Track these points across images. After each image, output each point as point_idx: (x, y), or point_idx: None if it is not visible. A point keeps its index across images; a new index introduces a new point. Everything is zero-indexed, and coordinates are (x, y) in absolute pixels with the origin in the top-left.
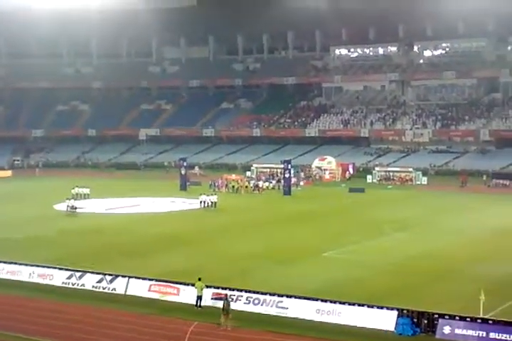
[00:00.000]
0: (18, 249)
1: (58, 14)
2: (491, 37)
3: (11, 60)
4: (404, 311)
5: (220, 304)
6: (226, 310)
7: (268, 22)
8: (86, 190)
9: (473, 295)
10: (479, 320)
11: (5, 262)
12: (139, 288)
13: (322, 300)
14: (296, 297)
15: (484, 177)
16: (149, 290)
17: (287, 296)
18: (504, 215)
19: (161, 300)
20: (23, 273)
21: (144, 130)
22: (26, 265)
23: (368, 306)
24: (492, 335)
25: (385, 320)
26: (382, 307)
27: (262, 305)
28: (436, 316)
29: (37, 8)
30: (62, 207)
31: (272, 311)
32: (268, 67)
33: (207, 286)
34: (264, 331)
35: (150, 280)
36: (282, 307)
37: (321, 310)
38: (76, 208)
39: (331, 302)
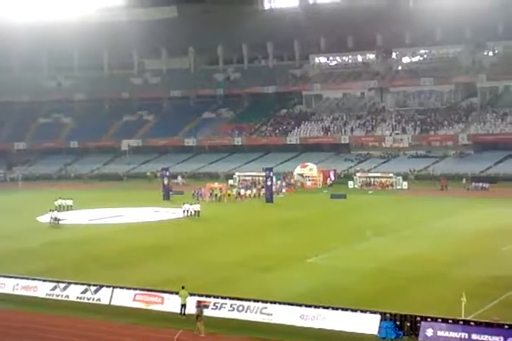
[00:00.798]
0: (2, 262)
1: (38, 28)
2: (468, 43)
3: None
4: (387, 315)
5: (205, 312)
6: (200, 316)
7: (247, 32)
8: (69, 202)
9: (455, 297)
10: (461, 322)
11: None
12: (124, 298)
13: (306, 306)
14: (280, 303)
15: (464, 181)
16: (134, 300)
17: (271, 302)
18: (484, 218)
19: (146, 310)
20: (7, 286)
21: (126, 141)
22: (10, 277)
23: (352, 310)
24: (474, 337)
25: (369, 324)
26: (365, 311)
27: (246, 311)
28: (419, 319)
29: (17, 22)
30: (45, 218)
31: (257, 317)
32: (248, 76)
33: (191, 294)
34: (250, 338)
35: (134, 289)
36: (267, 314)
37: (305, 315)
38: (59, 220)
39: (315, 307)
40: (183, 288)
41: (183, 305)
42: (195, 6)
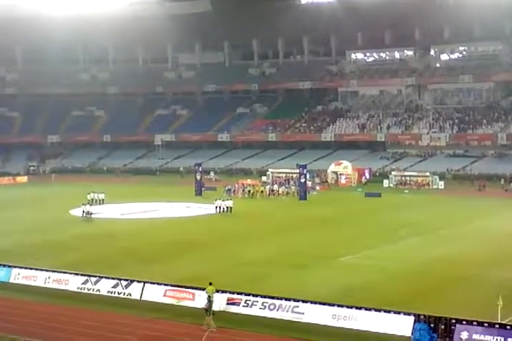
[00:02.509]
0: (35, 254)
1: (74, 20)
2: (508, 40)
3: (27, 66)
4: (421, 316)
5: (234, 309)
6: (208, 310)
7: (283, 27)
8: (101, 196)
9: (491, 300)
10: (497, 326)
11: (21, 267)
12: (155, 294)
13: (338, 306)
14: (312, 302)
15: (502, 182)
16: (164, 296)
17: (303, 301)
18: None
19: (177, 306)
20: (39, 279)
21: (159, 135)
22: (42, 270)
23: (385, 311)
24: (510, 340)
25: (402, 326)
26: (399, 313)
27: (277, 310)
28: (454, 321)
29: (53, 15)
30: (78, 212)
31: (288, 316)
32: (283, 71)
33: (222, 291)
34: (280, 336)
35: (165, 285)
36: (298, 313)
37: (337, 315)
38: (92, 213)
39: (347, 307)
40: (210, 284)
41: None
42: (230, 0)
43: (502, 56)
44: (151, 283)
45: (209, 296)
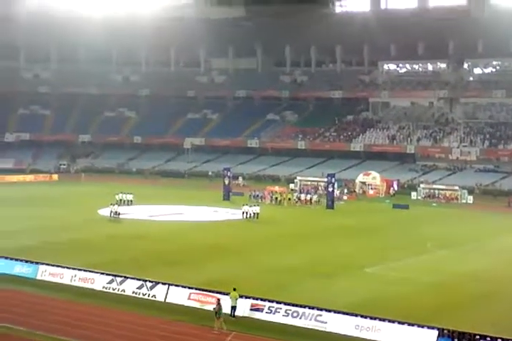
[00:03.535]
0: (62, 252)
1: (109, 21)
2: None
3: (61, 65)
4: (445, 331)
5: (257, 315)
6: (218, 313)
7: (316, 35)
8: (130, 196)
9: None
10: None
11: (48, 264)
12: (179, 296)
13: (362, 316)
14: (335, 311)
15: None
16: (189, 299)
17: (326, 310)
18: None
19: (200, 309)
20: (65, 277)
21: (189, 139)
22: (69, 268)
23: (409, 324)
24: None
25: (425, 339)
26: (422, 326)
27: (300, 318)
28: (478, 337)
29: (88, 15)
30: (106, 212)
31: (311, 325)
32: (315, 80)
33: (246, 297)
34: None
35: (190, 288)
36: (321, 321)
37: (360, 325)
38: (120, 214)
39: (370, 318)
40: (234, 289)
41: (233, 307)
42: (264, 7)
43: None
44: (176, 285)
45: (218, 299)
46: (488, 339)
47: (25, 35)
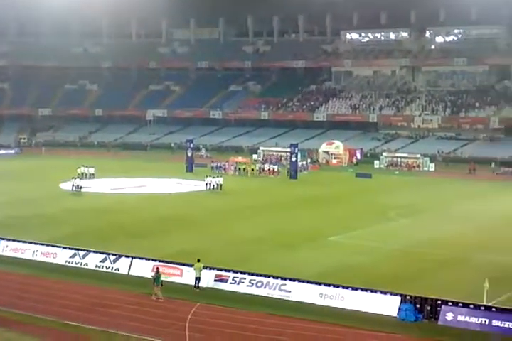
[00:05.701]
0: (24, 227)
1: None
2: (504, 24)
3: (20, 38)
4: (408, 297)
5: (222, 286)
6: (156, 281)
7: (279, 4)
8: (91, 170)
9: (477, 282)
10: (482, 308)
11: (9, 239)
12: (143, 269)
13: (325, 285)
14: (299, 280)
15: (492, 165)
16: (153, 271)
17: (290, 279)
18: (511, 203)
19: (165, 281)
20: (27, 252)
21: (151, 111)
22: (30, 243)
23: (372, 291)
24: (495, 323)
25: (388, 306)
26: (385, 293)
27: (265, 287)
28: (439, 302)
29: None
30: (67, 186)
31: (275, 294)
32: (278, 50)
33: (210, 268)
34: (267, 314)
35: (154, 260)
36: (285, 291)
37: (324, 294)
38: (82, 187)
39: (334, 286)
40: (198, 261)
41: (198, 278)
42: None
43: (497, 40)
44: (140, 258)
45: (157, 267)
46: (450, 304)
47: None
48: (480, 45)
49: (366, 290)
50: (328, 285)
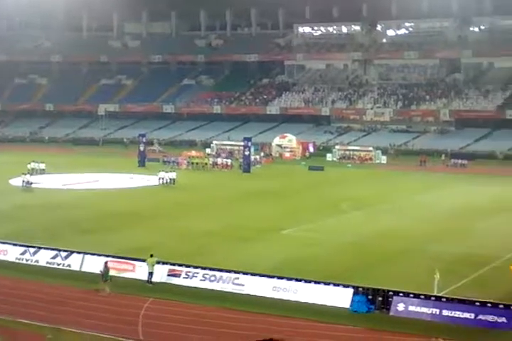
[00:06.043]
0: None
1: None
2: (454, 18)
3: None
4: (360, 289)
5: (175, 280)
6: (104, 276)
7: None
8: (42, 165)
9: (428, 273)
10: (433, 298)
11: None
12: (95, 265)
13: (278, 278)
14: (252, 274)
15: (443, 157)
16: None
17: (244, 273)
18: (462, 195)
19: (117, 277)
20: None
21: (103, 105)
22: None
23: (324, 284)
24: (445, 312)
25: (341, 298)
26: (338, 285)
27: (218, 282)
28: (391, 293)
29: None
30: (17, 182)
31: (228, 288)
32: (231, 43)
33: (163, 263)
34: (220, 307)
35: (106, 256)
36: (239, 284)
37: (277, 287)
38: (32, 183)
39: (287, 279)
40: (151, 256)
41: (151, 273)
42: None
43: (447, 33)
44: (92, 254)
45: (106, 262)
46: (401, 294)
47: None
48: (431, 39)
49: (319, 282)
50: (282, 278)
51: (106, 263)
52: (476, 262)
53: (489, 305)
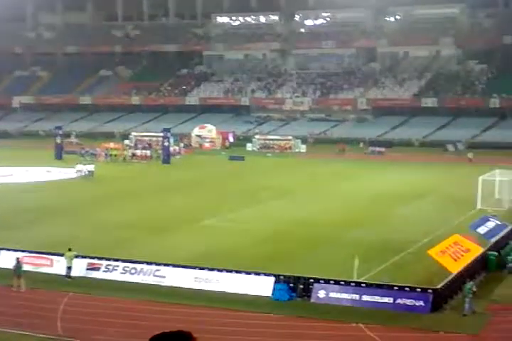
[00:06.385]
0: None
1: None
2: (371, 8)
3: None
4: (281, 277)
5: (94, 274)
6: (17, 271)
7: None
8: None
9: (347, 260)
10: (353, 284)
11: None
12: (10, 261)
13: (200, 268)
14: (173, 265)
15: (361, 145)
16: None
17: (164, 265)
18: (380, 182)
19: (34, 272)
20: None
21: (17, 97)
22: None
23: (246, 273)
24: (365, 298)
25: (263, 286)
26: (259, 274)
27: (138, 274)
28: (312, 281)
29: None
30: None
31: (149, 280)
32: (148, 34)
33: (82, 257)
34: (141, 300)
35: (22, 251)
36: (160, 276)
37: (199, 277)
38: None
39: (208, 270)
40: (70, 249)
41: (69, 268)
42: None
43: (364, 23)
44: (7, 249)
45: (18, 258)
46: (322, 281)
47: None
48: (348, 28)
49: (240, 272)
50: (203, 268)
51: (18, 258)
52: (395, 247)
53: (407, 289)
